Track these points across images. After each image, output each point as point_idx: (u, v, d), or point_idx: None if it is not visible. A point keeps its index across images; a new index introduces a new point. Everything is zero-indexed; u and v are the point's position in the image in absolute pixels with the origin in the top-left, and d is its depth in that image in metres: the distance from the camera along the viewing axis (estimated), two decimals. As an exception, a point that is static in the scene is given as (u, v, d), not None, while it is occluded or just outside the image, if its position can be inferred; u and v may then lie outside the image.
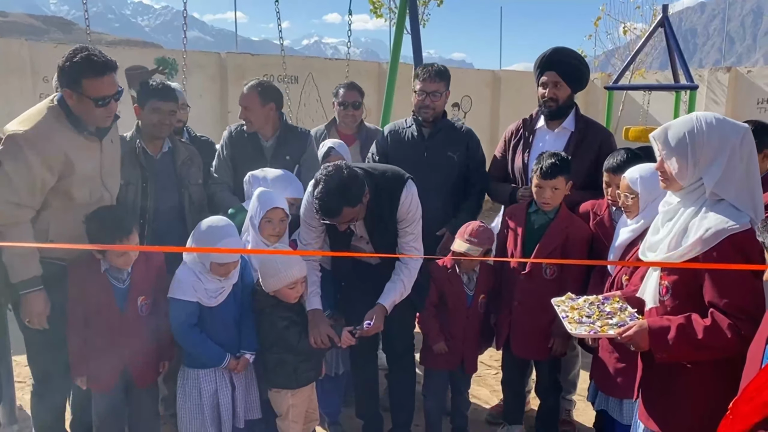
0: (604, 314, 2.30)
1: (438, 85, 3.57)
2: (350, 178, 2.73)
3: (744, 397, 1.75)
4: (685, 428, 2.14)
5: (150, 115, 3.18)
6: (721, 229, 1.98)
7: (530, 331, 3.22)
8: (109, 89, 2.63)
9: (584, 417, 3.76)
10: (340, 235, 3.00)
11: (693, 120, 2.08)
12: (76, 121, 2.67)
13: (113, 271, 2.75)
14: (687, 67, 7.06)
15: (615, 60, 13.17)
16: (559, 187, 3.12)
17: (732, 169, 2.03)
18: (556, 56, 3.48)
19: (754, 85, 10.15)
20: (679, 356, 2.08)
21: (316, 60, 10.66)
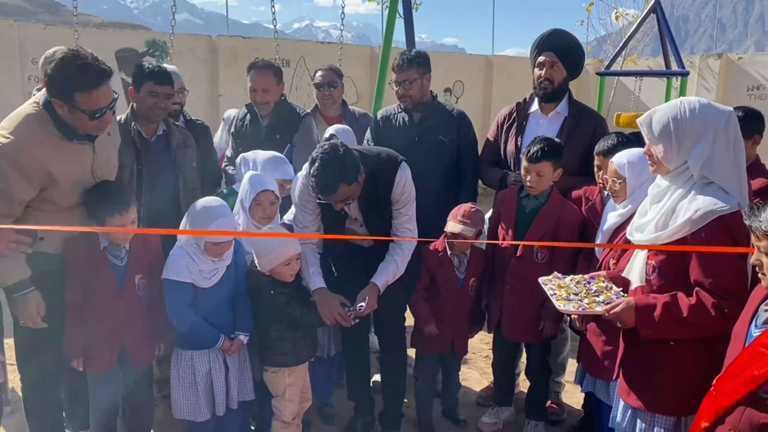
0: (590, 292, 2.37)
1: (408, 73, 3.54)
2: (346, 156, 2.74)
3: (727, 374, 1.80)
4: (668, 404, 2.21)
5: (145, 97, 3.15)
6: (710, 210, 2.04)
7: (521, 315, 3.25)
8: (105, 100, 2.45)
9: (573, 399, 3.82)
10: (334, 218, 3.01)
11: (677, 105, 2.15)
12: (64, 128, 2.49)
13: (112, 248, 2.74)
14: (678, 54, 7.06)
15: (607, 46, 13.18)
16: (544, 172, 3.12)
17: (717, 152, 2.10)
18: (555, 37, 3.49)
19: (744, 72, 10.19)
20: (664, 333, 2.15)
21: (308, 44, 10.58)
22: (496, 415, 3.58)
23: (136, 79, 3.19)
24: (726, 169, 2.11)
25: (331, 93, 4.09)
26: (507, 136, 3.63)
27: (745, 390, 1.71)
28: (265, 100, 3.73)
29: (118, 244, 2.75)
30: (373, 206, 3.00)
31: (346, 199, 2.83)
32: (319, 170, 2.71)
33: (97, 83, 2.42)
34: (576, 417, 3.65)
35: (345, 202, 2.85)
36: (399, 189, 2.96)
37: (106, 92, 2.46)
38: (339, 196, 2.77)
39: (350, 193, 2.80)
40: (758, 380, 1.68)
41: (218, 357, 2.87)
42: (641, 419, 2.30)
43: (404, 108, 3.66)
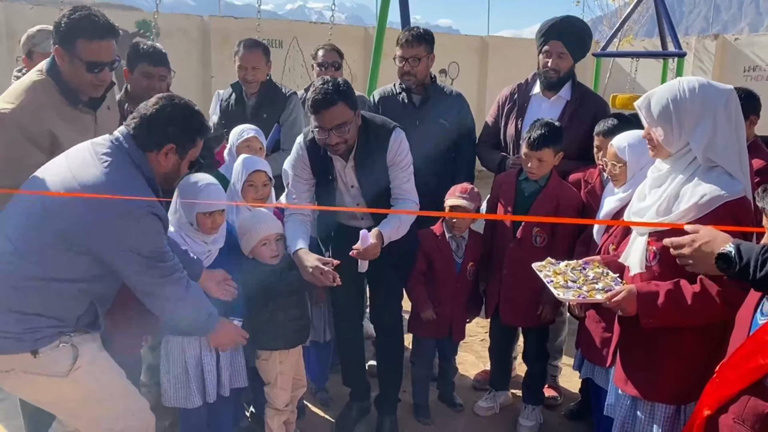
0: (588, 279, 2.33)
1: (417, 50, 3.46)
2: (348, 85, 2.77)
3: (731, 362, 1.77)
4: (667, 391, 2.18)
5: (140, 79, 3.11)
6: (716, 195, 1.99)
7: (519, 299, 3.22)
8: (106, 55, 2.44)
9: (570, 383, 3.81)
10: (328, 189, 2.98)
11: (676, 85, 2.09)
12: (68, 93, 2.49)
13: None
14: (675, 35, 7.02)
15: (603, 27, 13.10)
16: (545, 158, 3.08)
17: (720, 132, 2.04)
18: (565, 26, 3.38)
19: (741, 52, 10.14)
20: (666, 321, 2.10)
21: (300, 24, 10.45)
22: (493, 399, 3.57)
23: (131, 59, 3.15)
24: (729, 150, 2.06)
25: (333, 74, 3.99)
26: (507, 118, 3.56)
27: (750, 379, 1.68)
28: (254, 78, 3.71)
29: None
30: (369, 172, 2.92)
31: (341, 127, 2.74)
32: (320, 86, 2.69)
33: (101, 35, 2.41)
34: (573, 401, 3.64)
35: (340, 132, 2.75)
36: (394, 150, 2.91)
37: (108, 48, 2.44)
38: (336, 115, 2.70)
39: (347, 119, 2.74)
40: (764, 369, 1.65)
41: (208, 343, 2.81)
42: (640, 409, 2.26)
43: (405, 88, 3.57)
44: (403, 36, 3.50)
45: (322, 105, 2.68)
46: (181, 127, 2.22)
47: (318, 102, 2.69)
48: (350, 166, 2.93)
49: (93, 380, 2.21)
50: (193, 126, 2.26)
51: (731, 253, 1.69)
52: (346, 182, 2.99)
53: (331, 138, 2.75)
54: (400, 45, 3.50)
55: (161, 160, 2.21)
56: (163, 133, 2.19)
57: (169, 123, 2.19)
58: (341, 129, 2.74)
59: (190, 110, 2.25)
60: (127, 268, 2.15)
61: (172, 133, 2.20)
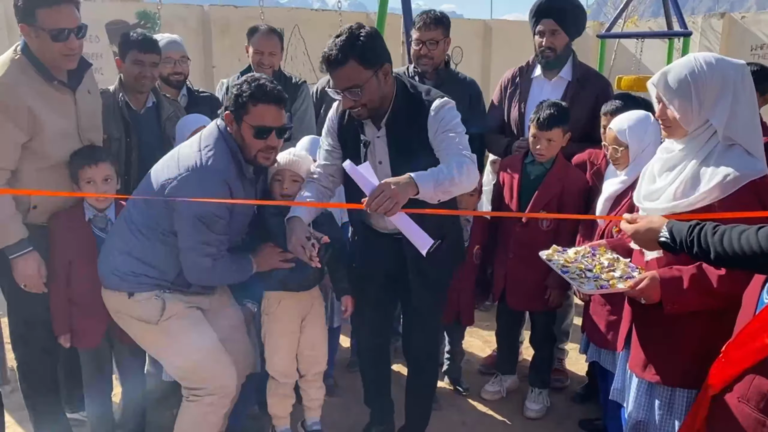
0: (604, 267, 2.26)
1: (435, 33, 3.41)
2: (370, 37, 2.34)
3: (737, 341, 1.75)
4: (682, 374, 2.12)
5: (131, 67, 3.09)
6: (741, 174, 1.92)
7: (526, 283, 3.20)
8: (68, 21, 2.44)
9: (577, 365, 3.81)
10: (354, 149, 2.59)
11: (692, 60, 2.02)
12: (43, 70, 2.51)
13: (97, 221, 2.70)
14: (681, 14, 6.93)
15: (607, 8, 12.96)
16: (554, 138, 3.05)
17: (738, 108, 1.98)
18: (553, 2, 3.35)
19: (747, 31, 10.00)
20: (689, 306, 2.03)
21: (302, 11, 10.37)
22: (500, 383, 3.58)
23: (122, 48, 3.14)
24: (748, 126, 2.00)
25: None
26: (510, 102, 3.53)
27: (755, 358, 1.66)
28: (270, 63, 3.69)
29: (104, 215, 2.70)
30: (403, 146, 2.50)
31: (352, 89, 2.36)
32: (332, 41, 2.34)
33: (57, 0, 2.42)
34: (579, 383, 3.64)
35: (352, 95, 2.37)
36: (437, 122, 2.43)
37: (68, 13, 2.46)
38: (345, 75, 2.34)
39: (359, 80, 2.33)
40: None
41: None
42: (658, 395, 2.18)
43: (418, 71, 3.50)
44: (420, 19, 3.44)
45: (330, 64, 2.34)
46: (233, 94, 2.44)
47: (326, 59, 2.35)
48: (382, 134, 2.53)
49: (179, 332, 2.53)
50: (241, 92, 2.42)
51: (667, 239, 1.86)
52: (375, 156, 2.57)
53: (345, 101, 2.41)
54: (417, 28, 3.45)
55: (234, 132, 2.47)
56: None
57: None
58: (354, 92, 2.36)
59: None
60: (179, 222, 2.40)
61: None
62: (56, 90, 2.58)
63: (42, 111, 2.51)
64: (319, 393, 2.96)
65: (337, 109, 2.66)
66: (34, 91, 2.50)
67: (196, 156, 2.42)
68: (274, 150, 2.49)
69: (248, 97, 2.39)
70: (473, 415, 3.44)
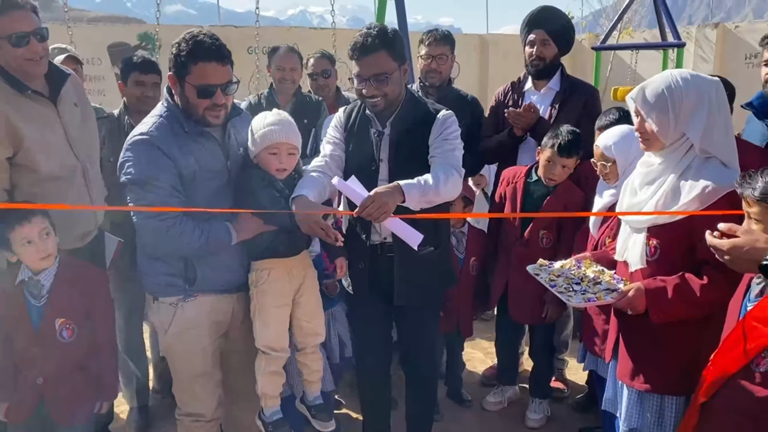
0: (590, 279, 2.32)
1: (443, 48, 3.57)
2: (396, 33, 2.52)
3: (723, 349, 1.81)
4: (670, 381, 2.17)
5: (133, 88, 3.19)
6: (719, 186, 2.00)
7: (526, 297, 3.26)
8: (24, 26, 2.42)
9: (576, 375, 3.84)
10: (362, 144, 2.63)
11: (669, 76, 2.10)
12: (13, 81, 2.47)
13: (30, 284, 2.45)
14: (674, 25, 7.02)
15: (603, 20, 13.07)
16: (569, 165, 3.10)
17: (713, 121, 2.06)
18: (544, 14, 3.45)
19: (741, 40, 10.07)
20: (675, 315, 2.10)
21: (301, 30, 10.49)
22: (501, 394, 3.62)
23: (123, 72, 3.23)
24: (723, 139, 2.07)
25: (326, 82, 4.04)
26: (504, 117, 3.55)
27: (739, 364, 1.71)
28: (292, 78, 3.81)
29: (37, 280, 2.44)
30: (405, 147, 2.56)
31: (379, 77, 2.45)
32: (365, 30, 2.44)
33: (9, 7, 2.40)
34: (580, 392, 3.68)
35: (378, 83, 2.46)
36: (438, 127, 2.53)
37: (23, 17, 2.43)
38: (376, 63, 2.43)
39: (388, 69, 2.45)
40: (751, 354, 1.68)
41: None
42: (648, 403, 2.23)
43: (428, 85, 3.59)
44: (429, 36, 3.60)
45: (361, 51, 2.43)
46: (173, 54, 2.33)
47: (357, 46, 2.43)
48: (386, 132, 2.60)
49: (176, 347, 2.51)
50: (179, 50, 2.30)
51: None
52: (377, 153, 2.61)
53: (369, 89, 2.48)
54: (426, 44, 3.59)
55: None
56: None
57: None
58: (380, 80, 2.45)
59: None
60: (123, 190, 2.35)
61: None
62: (33, 101, 2.54)
63: (20, 122, 2.47)
64: (319, 365, 2.76)
65: (345, 110, 2.74)
66: (9, 105, 2.47)
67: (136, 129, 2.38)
68: (223, 107, 2.37)
69: (187, 56, 2.26)
70: (475, 426, 3.48)
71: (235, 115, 2.51)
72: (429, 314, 2.85)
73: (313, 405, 2.75)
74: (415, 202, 2.34)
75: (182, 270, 2.41)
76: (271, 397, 2.63)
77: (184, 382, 2.57)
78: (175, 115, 2.35)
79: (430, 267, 2.66)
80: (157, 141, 2.28)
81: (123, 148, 2.34)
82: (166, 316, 2.47)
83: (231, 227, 2.40)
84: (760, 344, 1.67)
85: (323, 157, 2.65)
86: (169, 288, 2.44)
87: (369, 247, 2.67)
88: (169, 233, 2.29)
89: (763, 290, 1.78)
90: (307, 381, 2.77)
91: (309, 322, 2.67)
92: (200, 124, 2.37)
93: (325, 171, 2.57)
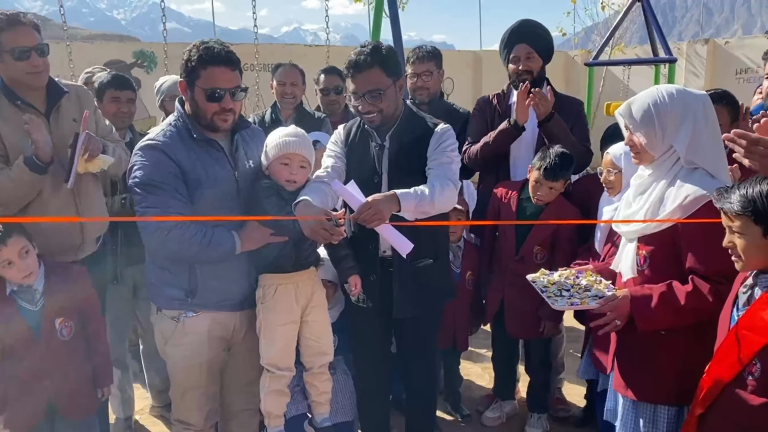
0: (581, 287, 2.36)
1: (428, 65, 3.60)
2: (390, 50, 2.57)
3: (716, 360, 1.83)
4: (666, 392, 2.20)
5: (109, 105, 3.24)
6: (700, 195, 2.05)
7: (522, 312, 3.27)
8: (27, 41, 2.57)
9: (572, 392, 3.83)
10: (361, 158, 2.68)
11: (655, 92, 2.17)
12: (7, 92, 2.61)
13: (22, 292, 2.48)
14: (665, 41, 7.09)
15: (594, 36, 13.21)
16: (557, 188, 3.13)
17: (699, 134, 2.11)
18: (525, 28, 3.44)
19: (732, 56, 10.21)
20: (661, 323, 2.13)
21: (296, 47, 10.58)
22: (499, 408, 3.61)
23: (98, 91, 3.26)
24: (708, 150, 2.13)
25: (337, 98, 4.11)
26: (492, 125, 3.50)
27: (732, 372, 1.74)
28: (293, 93, 3.91)
29: (29, 286, 2.47)
30: (403, 160, 2.61)
31: (373, 93, 2.51)
32: (359, 48, 2.52)
33: (14, 23, 2.56)
34: (577, 408, 3.67)
35: (373, 99, 2.52)
36: (436, 140, 2.59)
37: (26, 33, 2.58)
38: (369, 80, 2.50)
39: (381, 85, 2.51)
40: (743, 362, 1.70)
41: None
42: (642, 412, 2.26)
43: (418, 102, 3.62)
44: (413, 54, 3.64)
45: (356, 68, 2.52)
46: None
47: (352, 64, 2.52)
48: (386, 145, 2.65)
49: (175, 358, 2.53)
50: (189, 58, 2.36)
51: None
52: (378, 166, 2.66)
53: (364, 105, 2.55)
54: (411, 63, 3.64)
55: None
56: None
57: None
58: (374, 96, 2.53)
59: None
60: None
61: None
62: (22, 112, 2.60)
63: (8, 134, 2.58)
64: (327, 385, 2.72)
65: (344, 126, 2.79)
66: (0, 117, 2.59)
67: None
68: (231, 112, 2.41)
69: (197, 62, 2.33)
70: (474, 441, 3.46)
71: (244, 127, 2.56)
72: (428, 327, 2.86)
73: (322, 427, 2.72)
74: (410, 212, 2.41)
75: (186, 281, 2.42)
76: (275, 416, 2.61)
77: (178, 390, 2.60)
78: (185, 122, 2.41)
79: (428, 280, 2.69)
80: (164, 147, 2.34)
81: (132, 153, 2.42)
82: (167, 328, 2.51)
83: (235, 234, 2.40)
84: (751, 351, 1.69)
85: (325, 168, 2.67)
86: (172, 301, 2.47)
87: (379, 259, 2.69)
88: (170, 235, 2.31)
89: (749, 299, 1.81)
90: (315, 402, 2.73)
91: (317, 341, 2.64)
92: (209, 129, 2.42)
93: (327, 181, 2.56)
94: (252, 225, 2.41)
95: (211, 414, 2.65)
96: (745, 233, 1.75)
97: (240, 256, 2.44)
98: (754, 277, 1.81)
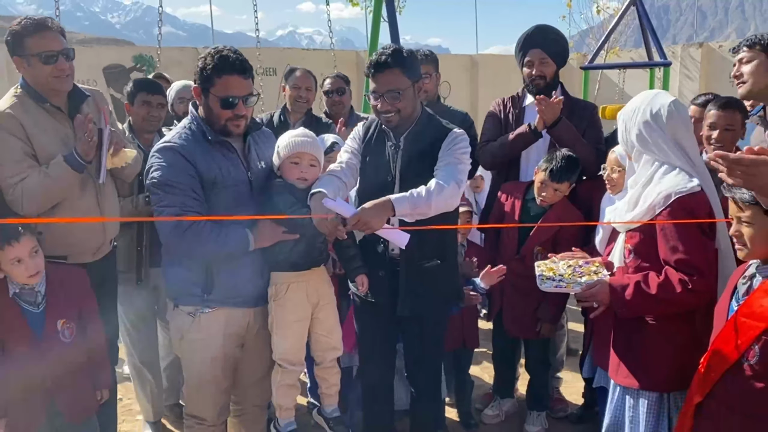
0: (576, 274, 2.50)
1: (426, 67, 3.57)
2: (411, 52, 2.66)
3: (713, 349, 1.89)
4: (650, 379, 2.31)
5: (140, 108, 3.31)
6: (670, 192, 2.19)
7: (521, 312, 3.32)
8: (54, 45, 2.63)
9: (571, 390, 3.88)
10: (376, 158, 2.73)
11: (626, 107, 2.45)
12: (36, 95, 2.67)
13: (24, 294, 2.49)
14: (660, 45, 7.17)
15: (590, 40, 13.30)
16: (562, 189, 3.18)
17: (657, 137, 2.28)
18: (540, 34, 3.49)
19: (725, 59, 10.30)
20: (636, 311, 2.28)
21: (293, 51, 10.64)
22: (498, 406, 3.65)
23: (131, 93, 3.35)
24: (679, 150, 2.27)
25: (341, 99, 4.20)
26: (505, 128, 3.56)
27: (731, 359, 1.80)
28: (306, 97, 3.97)
29: (31, 288, 2.49)
30: (416, 163, 2.65)
31: (393, 93, 2.58)
32: (381, 49, 2.60)
33: (42, 28, 2.61)
34: (576, 406, 3.72)
35: (391, 99, 2.58)
36: (448, 143, 2.64)
37: (53, 38, 2.64)
38: (389, 80, 2.57)
39: (401, 86, 2.58)
40: (741, 348, 1.76)
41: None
42: (629, 396, 2.39)
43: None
44: None
45: (376, 68, 2.59)
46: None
47: (373, 64, 2.60)
48: (401, 146, 2.70)
49: (190, 353, 2.60)
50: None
51: None
52: (393, 166, 2.70)
53: (383, 104, 2.62)
54: None
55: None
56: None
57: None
58: (393, 96, 2.59)
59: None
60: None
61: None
62: (49, 114, 2.69)
63: (37, 135, 2.63)
64: (336, 378, 2.86)
65: (364, 124, 2.86)
66: (28, 115, 2.64)
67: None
68: (243, 118, 2.51)
69: (212, 70, 2.41)
70: (473, 439, 3.50)
71: (255, 129, 2.65)
72: (433, 329, 2.87)
73: (331, 417, 2.85)
74: (407, 215, 2.47)
75: (202, 278, 2.49)
76: (286, 408, 2.73)
77: (192, 385, 2.66)
78: (200, 125, 2.49)
79: (435, 280, 2.73)
80: (180, 148, 2.42)
81: (149, 155, 2.49)
82: (183, 323, 2.56)
83: (249, 232, 2.48)
84: (750, 337, 1.75)
85: (339, 163, 2.75)
86: (188, 297, 2.53)
87: (388, 257, 2.74)
88: (187, 233, 2.39)
89: (748, 290, 1.88)
90: (324, 394, 2.86)
91: (327, 336, 2.76)
92: (222, 133, 2.50)
93: (341, 176, 2.66)
94: (265, 223, 2.49)
95: (223, 409, 2.71)
96: (754, 222, 1.84)
97: (254, 254, 2.51)
98: (756, 268, 1.88)
